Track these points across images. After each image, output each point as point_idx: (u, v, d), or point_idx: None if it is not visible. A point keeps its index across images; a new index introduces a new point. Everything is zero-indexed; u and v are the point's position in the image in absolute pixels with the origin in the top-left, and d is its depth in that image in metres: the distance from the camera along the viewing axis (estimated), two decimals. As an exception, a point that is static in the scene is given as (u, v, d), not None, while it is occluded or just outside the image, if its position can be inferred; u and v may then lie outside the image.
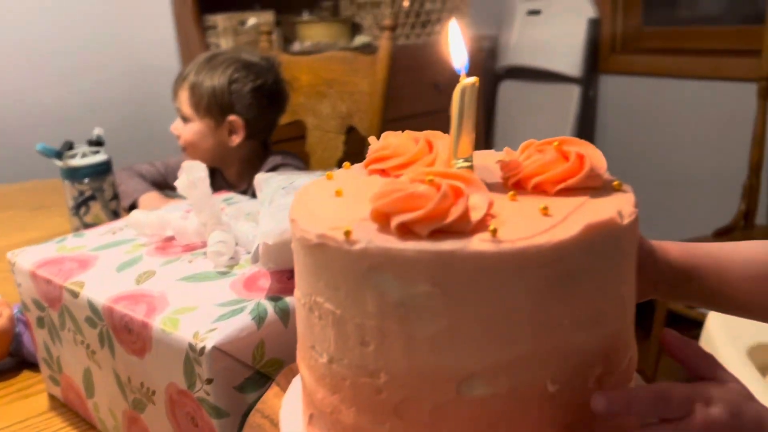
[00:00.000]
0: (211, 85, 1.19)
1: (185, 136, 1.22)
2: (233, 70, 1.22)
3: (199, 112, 1.20)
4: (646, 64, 2.20)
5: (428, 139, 0.37)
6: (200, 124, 1.21)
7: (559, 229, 0.28)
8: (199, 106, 1.20)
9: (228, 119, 1.21)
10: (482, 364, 0.28)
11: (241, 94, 1.21)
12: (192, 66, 1.24)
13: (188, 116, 1.21)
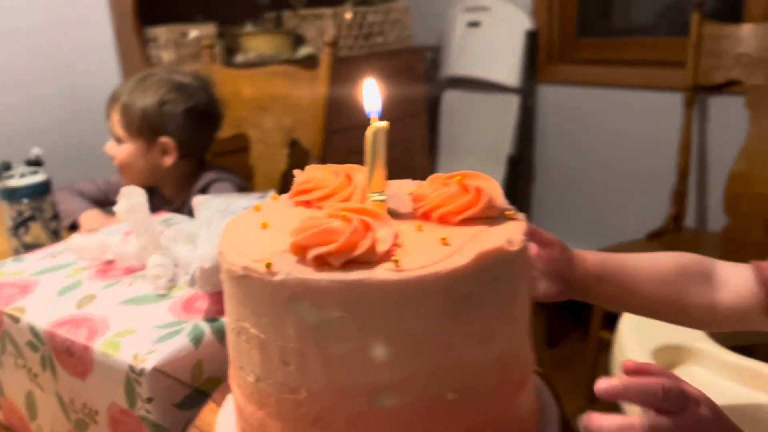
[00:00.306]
0: (143, 106, 1.19)
1: (119, 157, 1.22)
2: (165, 91, 1.21)
3: (131, 134, 1.20)
4: (581, 74, 2.29)
5: (348, 173, 0.40)
6: (132, 146, 1.20)
7: (455, 258, 0.32)
8: (130, 127, 1.20)
9: (159, 140, 1.20)
10: (390, 378, 0.32)
11: (172, 116, 1.21)
12: (124, 86, 1.24)
13: (121, 137, 1.20)
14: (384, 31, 2.39)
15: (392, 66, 2.42)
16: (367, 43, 2.35)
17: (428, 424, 0.33)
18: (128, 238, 0.65)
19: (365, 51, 2.35)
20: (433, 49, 2.70)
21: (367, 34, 2.34)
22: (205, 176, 1.25)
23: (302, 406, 0.33)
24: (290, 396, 0.33)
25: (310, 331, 0.31)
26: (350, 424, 0.32)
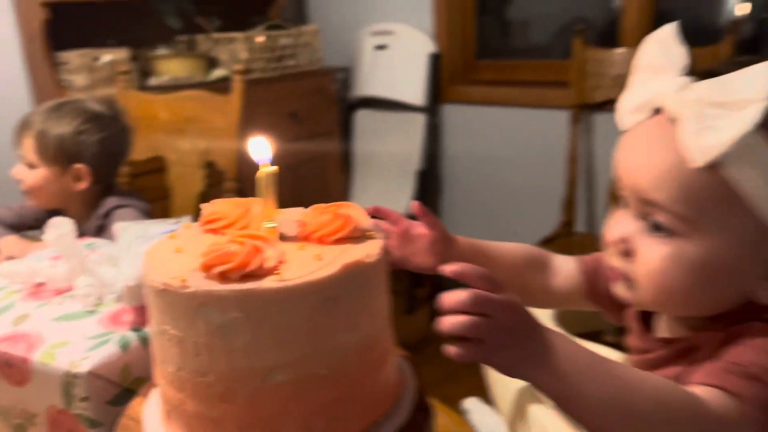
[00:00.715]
0: (59, 134, 1.24)
1: (29, 182, 1.26)
2: (81, 121, 1.27)
3: (46, 160, 1.24)
4: (480, 94, 2.48)
5: (246, 205, 0.51)
6: (46, 171, 1.25)
7: (325, 269, 0.43)
8: (45, 153, 1.24)
9: (74, 167, 1.25)
10: (278, 361, 0.43)
11: (87, 144, 1.26)
12: (37, 113, 1.28)
13: (33, 163, 1.25)
14: (295, 54, 2.50)
15: (304, 87, 2.53)
16: (279, 65, 2.45)
17: (308, 395, 0.44)
18: (56, 263, 0.72)
19: (277, 73, 2.44)
20: (343, 71, 2.83)
21: (279, 56, 2.44)
22: (107, 202, 1.29)
23: (212, 386, 0.43)
24: (202, 379, 0.43)
25: (215, 329, 0.42)
26: (249, 397, 0.43)
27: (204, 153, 1.63)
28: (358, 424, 0.46)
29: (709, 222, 0.49)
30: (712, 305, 0.52)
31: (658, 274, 0.51)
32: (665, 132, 0.50)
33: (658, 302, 0.54)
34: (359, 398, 0.46)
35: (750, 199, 0.47)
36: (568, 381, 0.44)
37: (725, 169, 0.47)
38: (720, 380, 0.47)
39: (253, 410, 0.43)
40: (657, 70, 0.52)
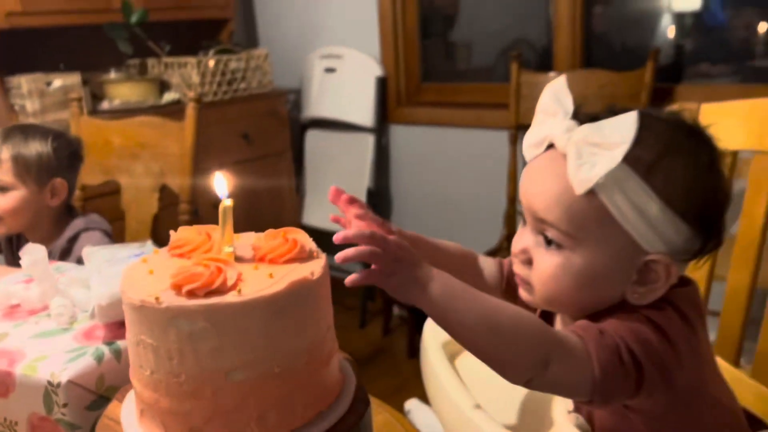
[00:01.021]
0: (38, 152, 1.33)
1: (4, 206, 1.32)
2: (51, 139, 1.37)
3: (24, 179, 1.32)
4: (426, 115, 2.60)
5: (208, 233, 0.60)
6: (24, 191, 1.32)
7: (276, 285, 0.52)
8: (27, 173, 1.32)
9: (52, 181, 1.34)
10: (239, 362, 0.51)
11: (61, 159, 1.37)
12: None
13: (9, 185, 1.31)
14: (246, 77, 2.57)
15: (255, 109, 2.61)
16: (230, 88, 2.52)
17: (263, 390, 0.52)
18: (29, 285, 0.79)
19: (228, 96, 2.52)
20: (294, 93, 2.92)
21: (230, 80, 2.52)
22: (74, 224, 1.37)
23: (183, 385, 0.51)
24: (175, 380, 0.52)
25: (185, 337, 0.51)
26: (214, 393, 0.52)
27: (158, 176, 1.69)
28: (306, 414, 0.55)
29: (589, 238, 0.61)
30: (593, 305, 0.64)
31: (550, 279, 0.63)
32: (556, 164, 0.61)
33: (550, 302, 0.66)
34: (307, 393, 0.55)
35: (620, 220, 0.59)
36: (445, 302, 0.56)
37: (600, 195, 0.59)
38: (575, 327, 0.60)
39: (218, 404, 0.52)
40: (551, 113, 0.64)
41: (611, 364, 0.57)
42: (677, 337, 0.60)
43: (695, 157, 0.61)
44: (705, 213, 0.61)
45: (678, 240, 0.61)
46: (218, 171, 0.59)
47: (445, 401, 0.78)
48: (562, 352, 0.57)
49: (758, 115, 0.84)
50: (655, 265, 0.61)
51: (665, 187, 0.59)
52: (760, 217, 0.85)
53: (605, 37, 2.69)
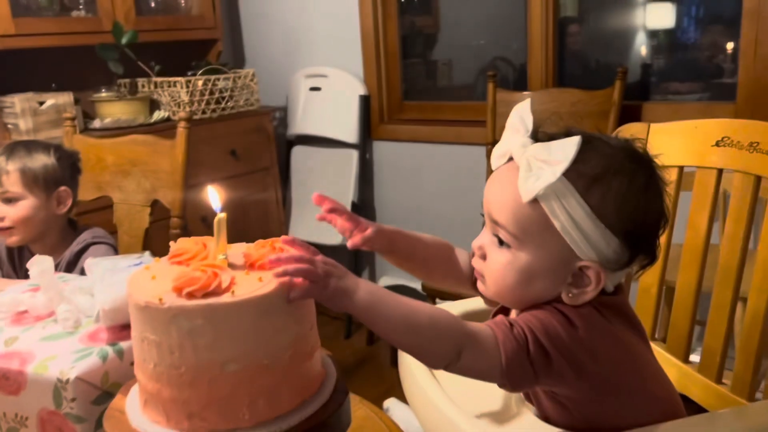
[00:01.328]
0: (44, 163, 1.41)
1: (15, 216, 1.39)
2: (53, 150, 1.46)
3: (32, 189, 1.40)
4: (407, 132, 2.69)
5: (204, 243, 0.67)
6: (34, 200, 1.40)
7: (265, 288, 0.60)
8: (35, 183, 1.40)
9: (59, 190, 1.43)
10: (233, 354, 0.59)
11: (65, 168, 1.46)
12: (3, 155, 1.41)
13: (18, 196, 1.39)
14: (234, 96, 2.65)
15: (243, 126, 2.68)
16: (219, 106, 2.60)
17: (254, 380, 0.60)
18: (35, 294, 0.86)
19: (217, 114, 2.59)
20: (280, 110, 3.00)
21: (218, 98, 2.59)
22: (81, 238, 1.45)
23: (183, 376, 0.59)
24: (175, 371, 0.59)
25: (186, 333, 0.58)
26: (211, 382, 0.59)
27: (149, 192, 1.75)
28: (292, 402, 0.63)
29: (531, 241, 0.69)
30: (531, 300, 0.72)
31: (498, 274, 0.72)
32: (511, 175, 0.70)
33: (498, 295, 0.75)
34: (293, 383, 0.63)
35: (558, 227, 0.68)
36: (370, 307, 0.64)
37: (542, 204, 0.67)
38: (490, 321, 0.69)
39: (213, 392, 0.59)
40: (514, 130, 0.72)
41: (516, 353, 0.66)
42: (591, 332, 0.68)
43: (631, 179, 0.69)
44: (635, 230, 0.68)
45: (608, 251, 0.68)
46: (211, 185, 0.67)
47: (420, 396, 0.86)
48: (473, 343, 0.66)
49: (700, 135, 0.93)
50: (587, 271, 0.69)
51: (600, 203, 0.67)
52: (704, 226, 0.93)
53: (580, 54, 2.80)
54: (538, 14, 2.33)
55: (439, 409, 0.83)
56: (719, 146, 0.90)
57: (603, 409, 0.71)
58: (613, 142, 0.72)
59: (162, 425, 0.61)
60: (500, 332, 0.67)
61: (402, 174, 2.73)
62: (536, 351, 0.66)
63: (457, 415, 0.81)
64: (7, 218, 1.39)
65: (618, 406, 0.72)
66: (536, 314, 0.69)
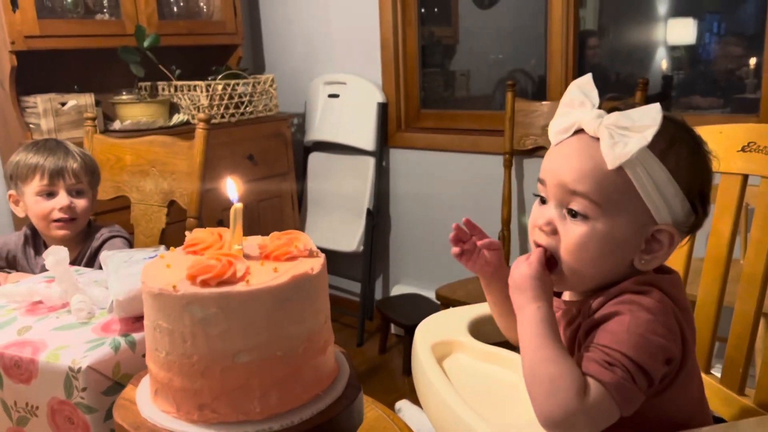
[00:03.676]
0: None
1: (81, 208, 1.44)
2: (86, 152, 1.51)
3: (92, 184, 1.47)
4: (425, 140, 2.69)
5: (220, 234, 0.67)
6: (92, 194, 1.47)
7: (280, 278, 0.59)
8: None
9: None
10: (245, 345, 0.58)
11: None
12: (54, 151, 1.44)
13: (85, 189, 1.45)
14: (253, 101, 2.66)
15: (261, 131, 2.69)
16: (237, 111, 2.61)
17: (266, 372, 0.59)
18: (50, 285, 0.86)
19: (236, 118, 2.61)
20: (298, 116, 3.01)
21: (237, 103, 2.60)
22: (100, 233, 1.48)
23: (194, 365, 0.58)
24: (187, 360, 0.58)
25: (198, 322, 0.57)
26: (222, 373, 0.58)
27: (167, 193, 1.76)
28: (304, 396, 0.62)
29: (613, 208, 0.70)
30: (610, 270, 0.73)
31: (577, 247, 0.72)
32: (586, 145, 0.71)
33: (574, 271, 0.74)
34: (306, 376, 0.61)
35: (641, 192, 0.70)
36: (532, 323, 0.70)
37: (627, 170, 0.69)
38: (588, 368, 0.67)
39: (225, 383, 0.58)
40: (578, 104, 0.73)
41: (626, 391, 0.66)
42: (672, 321, 0.69)
43: (692, 144, 0.73)
44: (701, 189, 0.73)
45: (681, 213, 0.71)
46: (230, 176, 0.66)
47: (433, 398, 0.85)
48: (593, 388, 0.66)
49: (725, 140, 0.91)
50: (661, 235, 0.71)
51: (675, 167, 0.70)
52: (727, 234, 0.91)
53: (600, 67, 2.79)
54: (559, 24, 2.33)
55: (454, 411, 0.81)
56: (744, 152, 0.88)
57: (651, 404, 0.71)
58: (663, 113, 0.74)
59: (172, 415, 0.60)
60: (606, 375, 0.66)
61: (418, 182, 2.73)
62: (641, 376, 0.66)
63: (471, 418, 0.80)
64: (78, 209, 1.42)
65: (683, 391, 0.73)
66: (621, 326, 0.68)
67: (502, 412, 0.78)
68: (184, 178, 1.72)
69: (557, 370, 0.66)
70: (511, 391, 0.83)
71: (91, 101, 2.32)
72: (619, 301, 0.71)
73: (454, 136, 2.60)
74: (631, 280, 0.72)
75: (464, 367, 0.91)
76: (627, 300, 0.70)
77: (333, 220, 2.86)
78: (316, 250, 0.66)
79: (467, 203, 2.56)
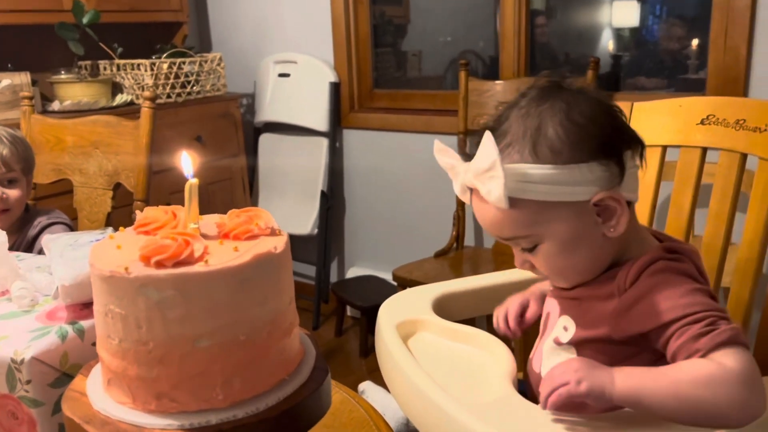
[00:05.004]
0: (23, 147, 1.38)
1: (15, 198, 1.36)
2: (18, 135, 1.42)
3: (26, 171, 1.39)
4: (378, 120, 2.65)
5: (173, 212, 0.63)
6: (24, 182, 1.39)
7: (241, 257, 0.56)
8: (26, 164, 1.38)
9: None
10: (205, 329, 0.54)
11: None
12: None
13: (18, 177, 1.37)
14: (200, 80, 2.58)
15: (209, 112, 2.61)
16: (184, 91, 2.52)
17: (228, 357, 0.56)
18: (-12, 272, 0.80)
19: (182, 99, 2.51)
20: (248, 97, 2.93)
21: (183, 82, 2.51)
22: (37, 221, 1.39)
23: (151, 352, 0.54)
24: (143, 347, 0.54)
25: (154, 305, 0.53)
26: (181, 359, 0.54)
27: (112, 175, 1.68)
28: (269, 381, 0.59)
29: (544, 225, 0.70)
30: (596, 257, 0.73)
31: (548, 267, 0.74)
32: (482, 199, 0.71)
33: (572, 281, 0.76)
34: (270, 360, 0.58)
35: (547, 198, 0.68)
36: (634, 397, 0.63)
37: (516, 197, 0.68)
38: (701, 346, 0.63)
39: (185, 370, 0.55)
40: (452, 169, 0.75)
41: (737, 331, 0.63)
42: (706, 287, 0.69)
43: (560, 116, 0.68)
44: (600, 141, 0.68)
45: (598, 176, 0.68)
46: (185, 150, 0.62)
47: (400, 378, 0.82)
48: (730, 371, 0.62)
49: (684, 114, 0.92)
50: (603, 202, 0.69)
51: (551, 152, 0.67)
52: (687, 207, 0.92)
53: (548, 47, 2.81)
54: (511, 4, 2.32)
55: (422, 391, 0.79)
56: (704, 124, 0.88)
57: None
58: (527, 91, 0.73)
59: (128, 406, 0.56)
60: (719, 336, 0.62)
61: (373, 163, 2.70)
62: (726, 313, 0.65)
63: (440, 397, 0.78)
64: (11, 199, 1.34)
65: None
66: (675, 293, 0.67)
67: (470, 390, 0.77)
68: (129, 160, 1.65)
69: (696, 396, 0.61)
70: (478, 369, 0.81)
71: (27, 80, 2.20)
72: (655, 269, 0.69)
73: (408, 117, 2.58)
74: (659, 248, 0.71)
75: (430, 345, 0.89)
76: (663, 268, 0.69)
77: (286, 202, 2.81)
78: (278, 228, 0.63)
79: (422, 184, 2.55)
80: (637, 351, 0.70)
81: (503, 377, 0.76)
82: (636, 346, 0.70)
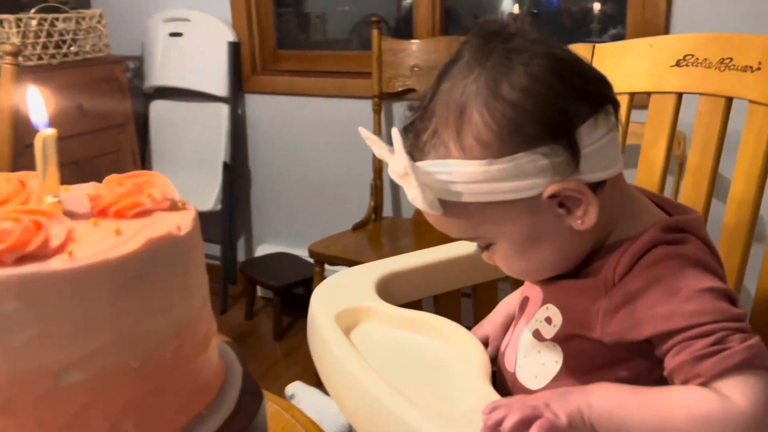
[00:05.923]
0: None
1: None
2: None
3: None
4: (284, 84, 2.44)
5: (21, 180, 0.43)
6: None
7: (126, 245, 0.37)
8: None
9: None
10: (75, 356, 0.36)
11: None
12: None
13: None
14: (77, 40, 2.27)
15: (90, 76, 2.31)
16: (59, 51, 2.21)
17: (114, 392, 0.37)
18: None
19: (57, 61, 2.20)
20: (135, 59, 2.63)
21: (57, 42, 2.20)
22: None
23: (-13, 397, 0.35)
24: (-27, 390, 0.35)
25: (-12, 326, 0.34)
26: (38, 404, 0.35)
27: (-32, 147, 1.40)
28: (178, 418, 0.41)
29: (491, 227, 0.58)
30: (566, 251, 0.59)
31: (509, 267, 0.62)
32: None
33: (538, 278, 0.64)
34: (178, 390, 0.40)
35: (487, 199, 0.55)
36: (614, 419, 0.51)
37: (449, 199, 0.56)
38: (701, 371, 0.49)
39: (45, 419, 0.36)
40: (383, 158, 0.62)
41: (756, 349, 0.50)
42: (718, 267, 0.56)
43: (482, 87, 0.55)
44: (544, 124, 0.54)
45: (549, 164, 0.54)
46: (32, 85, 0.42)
47: (344, 381, 0.67)
48: None
49: (656, 55, 0.80)
50: (562, 193, 0.55)
51: (479, 145, 0.55)
52: (660, 161, 0.81)
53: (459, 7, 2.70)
54: (424, -44, 2.17)
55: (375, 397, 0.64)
56: (680, 66, 0.77)
57: None
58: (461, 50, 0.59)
59: (-43, 479, 0.37)
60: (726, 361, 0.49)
61: (280, 130, 2.49)
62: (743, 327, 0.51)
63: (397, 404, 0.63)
64: None
65: None
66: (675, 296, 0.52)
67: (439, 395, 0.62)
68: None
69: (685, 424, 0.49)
70: (442, 366, 0.67)
71: None
72: (653, 259, 0.54)
73: (317, 79, 2.39)
74: (656, 227, 0.56)
75: (378, 338, 0.73)
76: (663, 257, 0.54)
77: (184, 176, 2.54)
78: (181, 200, 0.44)
79: (335, 152, 2.38)
80: (628, 356, 0.57)
81: (477, 375, 0.62)
82: (627, 350, 0.56)
